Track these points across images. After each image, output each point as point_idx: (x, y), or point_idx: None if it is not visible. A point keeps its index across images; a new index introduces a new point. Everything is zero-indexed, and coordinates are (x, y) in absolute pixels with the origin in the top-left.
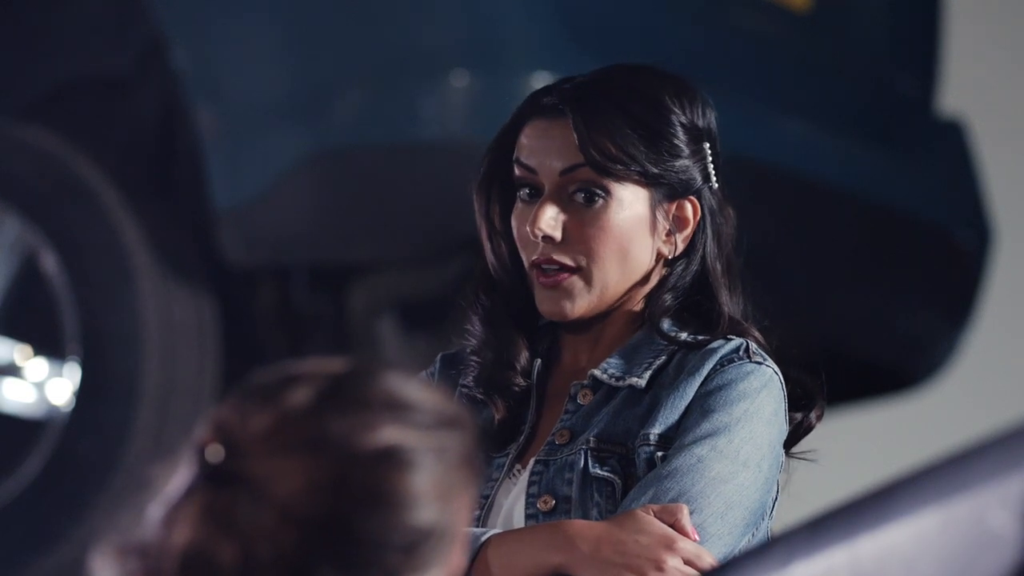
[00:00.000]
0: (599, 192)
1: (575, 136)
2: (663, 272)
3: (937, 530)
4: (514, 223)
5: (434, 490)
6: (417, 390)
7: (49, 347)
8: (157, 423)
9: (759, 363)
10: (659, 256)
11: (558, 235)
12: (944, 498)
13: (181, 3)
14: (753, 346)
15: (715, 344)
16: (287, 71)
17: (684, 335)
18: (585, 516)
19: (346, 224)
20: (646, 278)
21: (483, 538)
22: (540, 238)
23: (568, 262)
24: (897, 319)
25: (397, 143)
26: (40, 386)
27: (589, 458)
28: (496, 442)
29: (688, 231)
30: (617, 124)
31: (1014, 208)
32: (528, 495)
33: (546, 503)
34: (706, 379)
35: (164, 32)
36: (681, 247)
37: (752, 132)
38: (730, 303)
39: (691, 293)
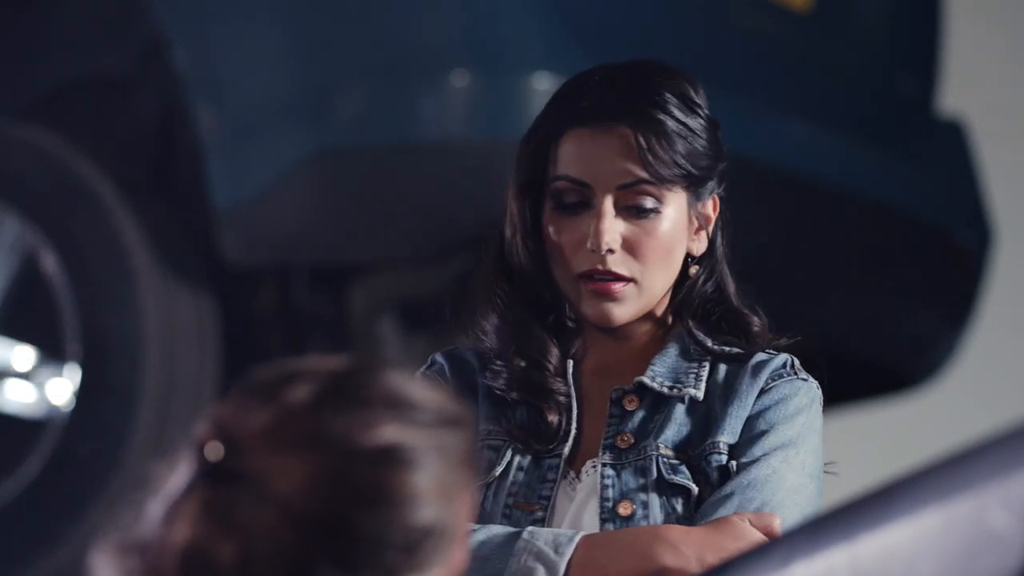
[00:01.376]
0: (654, 203)
1: (634, 149)
2: (689, 270)
3: (937, 530)
4: (553, 230)
5: (435, 489)
6: (418, 389)
7: (49, 347)
8: (157, 423)
9: (805, 380)
10: (686, 254)
11: (618, 247)
12: (944, 498)
13: (181, 3)
14: (797, 362)
15: (762, 357)
16: (287, 71)
17: (712, 342)
18: (665, 522)
19: (346, 224)
20: None
21: (576, 539)
22: (604, 251)
23: (624, 273)
24: (897, 319)
25: (397, 143)
26: (40, 386)
27: (662, 465)
28: (541, 443)
29: (711, 228)
30: (667, 131)
31: (1014, 208)
32: (602, 499)
33: (626, 508)
34: (761, 392)
35: (164, 32)
36: (706, 244)
37: (752, 132)
38: (735, 295)
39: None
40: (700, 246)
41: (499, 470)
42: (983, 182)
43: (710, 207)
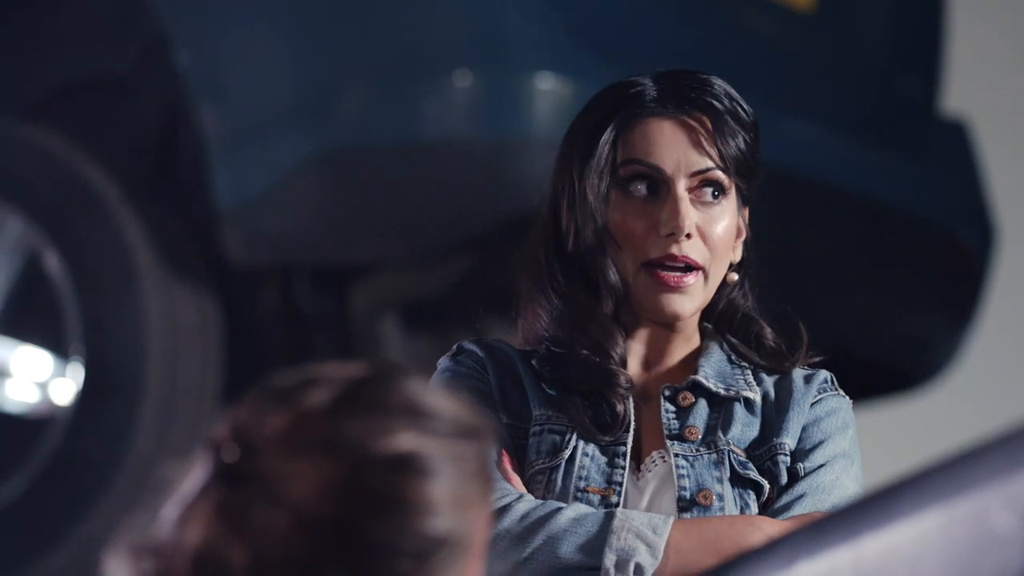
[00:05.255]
0: (721, 192)
1: (707, 136)
2: (728, 276)
3: (940, 530)
4: (621, 216)
5: (449, 498)
6: (437, 398)
7: (52, 347)
8: (160, 423)
9: (843, 395)
10: None
11: (695, 232)
12: (947, 498)
13: (184, 3)
14: (835, 379)
15: (807, 371)
16: (290, 71)
17: (750, 354)
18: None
19: (349, 224)
20: None
21: (671, 521)
22: (684, 235)
23: (698, 259)
24: (899, 319)
25: (400, 143)
26: (43, 386)
27: (733, 459)
28: (604, 431)
29: (743, 236)
30: (730, 123)
31: (1016, 208)
32: (679, 488)
33: (706, 498)
34: (813, 403)
35: (167, 32)
36: (740, 255)
37: None
38: (754, 306)
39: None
40: (738, 254)
41: (566, 454)
42: (985, 182)
43: (745, 216)
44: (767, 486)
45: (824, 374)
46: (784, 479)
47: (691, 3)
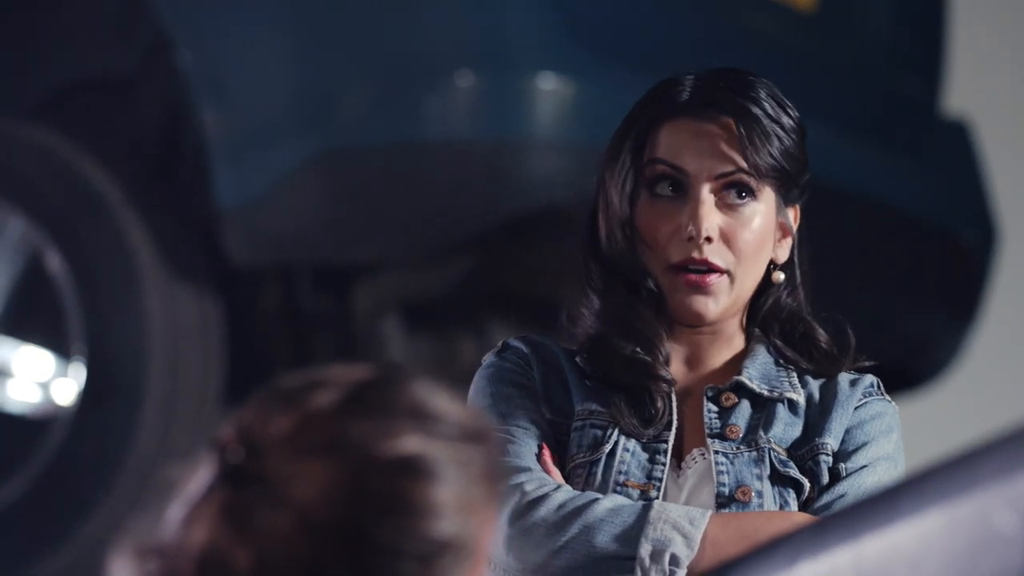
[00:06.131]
0: (750, 195)
1: (736, 139)
2: (773, 275)
3: (942, 530)
4: (647, 218)
5: (455, 502)
6: (443, 401)
7: (54, 347)
8: (162, 423)
9: (889, 401)
10: (770, 260)
11: (716, 236)
12: (949, 498)
13: (186, 3)
14: (881, 384)
15: (853, 375)
16: (291, 71)
17: (797, 358)
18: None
19: (350, 224)
20: None
21: (708, 514)
22: (703, 239)
23: (719, 263)
24: (902, 320)
25: (401, 143)
26: (45, 386)
27: (773, 458)
28: (647, 427)
29: (791, 238)
30: (764, 126)
31: (1019, 208)
32: (718, 484)
33: (745, 494)
34: (858, 406)
35: (169, 32)
36: (787, 254)
37: None
38: (808, 310)
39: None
40: (783, 254)
41: (607, 448)
42: (987, 182)
43: (791, 217)
44: (807, 485)
45: (870, 378)
46: (825, 479)
47: (692, 3)
